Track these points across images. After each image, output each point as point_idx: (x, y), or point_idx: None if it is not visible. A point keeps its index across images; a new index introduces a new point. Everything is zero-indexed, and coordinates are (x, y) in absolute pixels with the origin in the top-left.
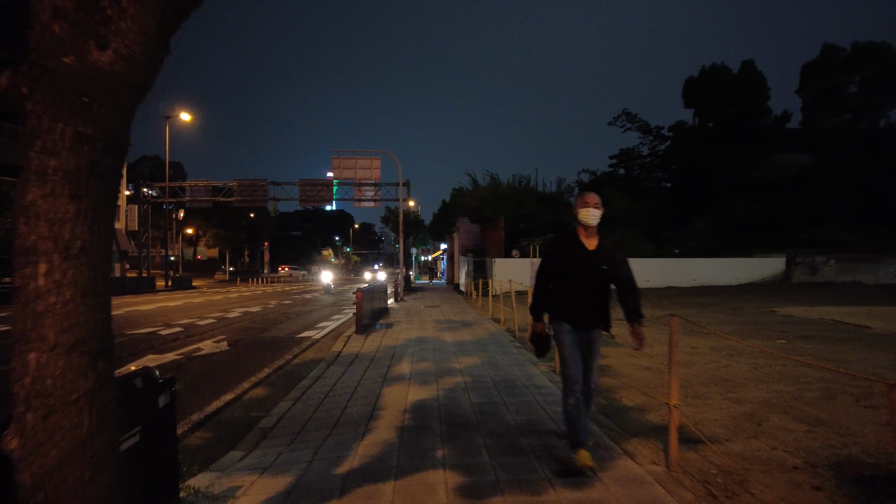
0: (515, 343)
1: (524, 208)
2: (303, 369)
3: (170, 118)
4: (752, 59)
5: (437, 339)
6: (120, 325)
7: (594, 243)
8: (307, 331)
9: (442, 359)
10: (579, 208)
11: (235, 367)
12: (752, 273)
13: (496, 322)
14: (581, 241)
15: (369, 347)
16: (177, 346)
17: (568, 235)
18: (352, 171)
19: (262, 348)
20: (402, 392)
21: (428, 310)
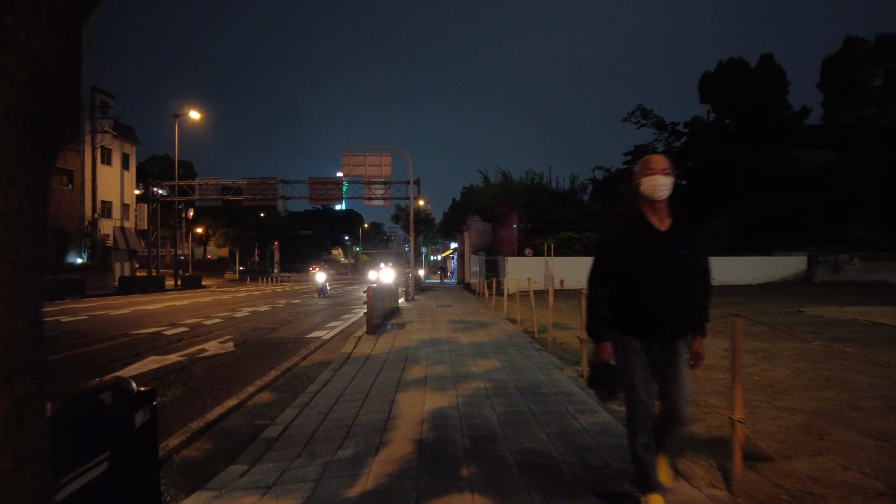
0: (535, 345)
1: (537, 206)
2: (311, 372)
3: (179, 116)
4: (770, 53)
5: (451, 341)
6: (124, 324)
7: (666, 223)
8: (316, 331)
9: (458, 362)
10: (643, 177)
11: (240, 369)
12: (772, 272)
13: (512, 322)
14: (649, 222)
15: (381, 349)
16: (181, 346)
17: (630, 216)
18: (361, 169)
19: (269, 349)
20: (418, 399)
21: (440, 309)
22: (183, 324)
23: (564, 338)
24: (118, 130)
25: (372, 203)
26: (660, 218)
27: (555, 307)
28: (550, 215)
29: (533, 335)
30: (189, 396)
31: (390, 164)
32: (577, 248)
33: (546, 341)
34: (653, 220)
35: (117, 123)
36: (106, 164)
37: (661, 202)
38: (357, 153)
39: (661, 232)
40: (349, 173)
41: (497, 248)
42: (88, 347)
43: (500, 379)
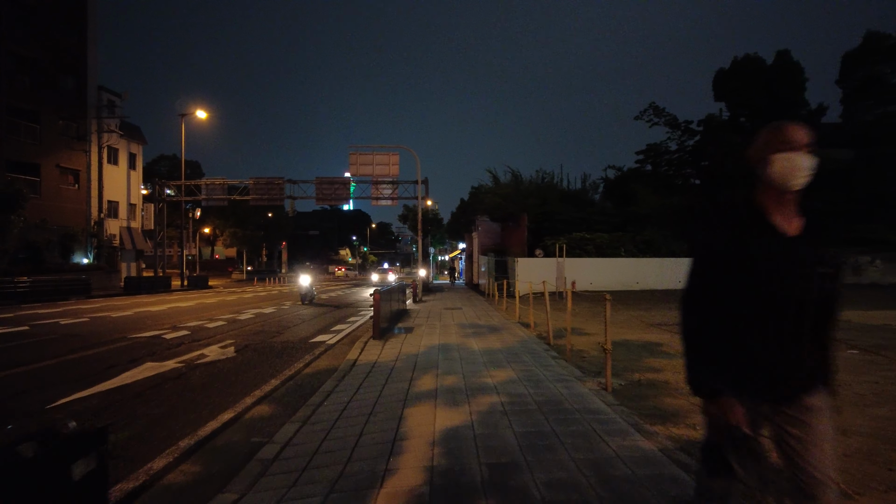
0: (551, 352)
1: (548, 205)
2: (314, 381)
3: (185, 116)
4: (787, 49)
5: (462, 347)
6: (125, 327)
7: (795, 224)
8: (321, 335)
9: (471, 371)
10: (774, 152)
11: (240, 377)
12: None
13: (525, 327)
14: (770, 221)
15: (388, 356)
16: (180, 351)
17: (741, 209)
18: (369, 168)
19: (272, 355)
20: (428, 415)
21: (449, 312)
22: (185, 326)
23: (582, 344)
24: (125, 130)
25: (380, 203)
26: (786, 216)
27: (571, 311)
28: (562, 215)
29: (548, 341)
30: (183, 408)
31: (398, 163)
32: (588, 248)
33: (563, 348)
34: (776, 218)
35: (124, 123)
36: (112, 164)
37: (792, 194)
38: (365, 152)
39: (788, 237)
40: (357, 172)
41: (506, 248)
42: (85, 352)
43: (518, 392)
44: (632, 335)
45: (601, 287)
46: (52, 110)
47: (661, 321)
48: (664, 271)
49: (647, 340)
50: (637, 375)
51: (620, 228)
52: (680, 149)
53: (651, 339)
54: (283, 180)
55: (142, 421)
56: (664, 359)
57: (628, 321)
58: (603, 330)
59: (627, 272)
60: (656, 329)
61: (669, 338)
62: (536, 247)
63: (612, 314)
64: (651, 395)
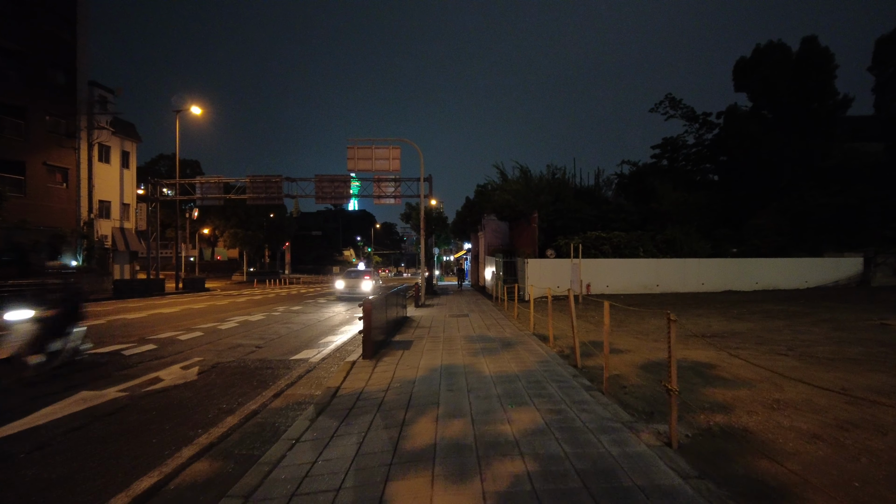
0: (582, 379)
1: (561, 202)
2: (281, 420)
3: (180, 112)
4: (814, 35)
5: (470, 370)
6: (89, 340)
7: None
8: (306, 349)
9: (483, 411)
10: None
11: (191, 412)
12: (823, 275)
13: (543, 341)
14: None
15: (378, 382)
16: (132, 374)
17: None
18: (368, 163)
19: (241, 378)
20: (422, 500)
21: (454, 320)
22: (155, 339)
23: (616, 365)
24: (118, 127)
25: (382, 201)
26: None
27: (588, 318)
28: (576, 213)
29: (574, 361)
30: (93, 468)
31: (399, 157)
32: (605, 248)
33: (594, 372)
34: None
35: (117, 119)
36: (104, 162)
37: None
38: (364, 145)
39: None
40: (355, 167)
41: (515, 248)
42: None
43: (551, 453)
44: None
45: (618, 290)
46: (39, 106)
47: (698, 331)
48: (686, 273)
49: (695, 360)
50: (703, 418)
51: (639, 227)
52: (698, 143)
53: (698, 358)
54: (282, 178)
55: (18, 492)
56: (726, 388)
57: (660, 332)
58: (637, 344)
59: (647, 274)
60: (699, 342)
61: (718, 356)
62: (548, 247)
63: (637, 322)
64: (736, 456)
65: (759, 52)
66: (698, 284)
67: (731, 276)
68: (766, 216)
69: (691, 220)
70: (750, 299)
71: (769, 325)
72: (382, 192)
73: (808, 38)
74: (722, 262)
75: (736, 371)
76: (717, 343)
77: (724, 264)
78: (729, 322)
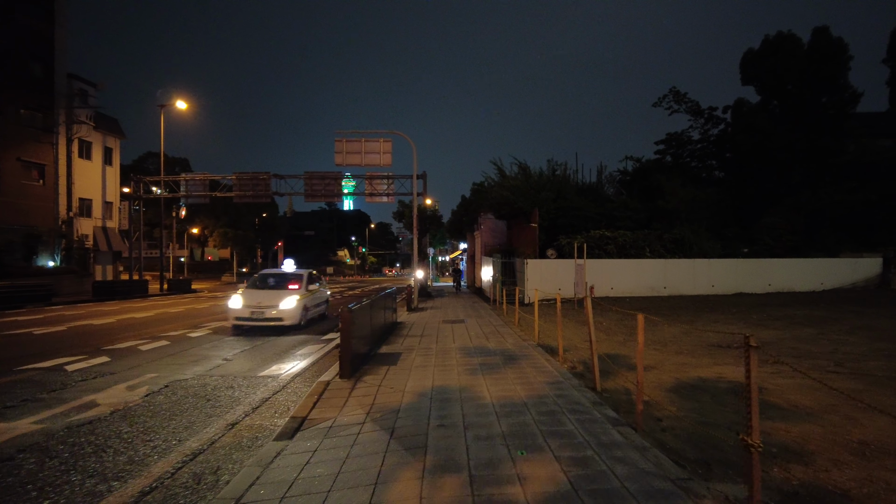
0: (606, 409)
1: (563, 200)
2: (225, 466)
3: (165, 107)
4: (826, 26)
5: (467, 395)
6: (36, 350)
7: None
8: (278, 363)
9: (485, 462)
10: None
11: (114, 452)
12: (840, 276)
13: (550, 353)
14: None
15: (353, 411)
16: (64, 396)
17: None
18: (358, 157)
19: (193, 402)
20: None
21: (449, 327)
22: (112, 349)
23: (644, 387)
24: (100, 122)
25: (374, 199)
26: None
27: (596, 325)
28: (579, 211)
29: (592, 382)
30: None
31: (391, 151)
32: (609, 248)
33: (616, 396)
34: None
35: (99, 114)
36: (85, 159)
37: None
38: (353, 138)
39: None
40: (344, 162)
41: (514, 248)
42: None
43: None
44: (701, 367)
45: (624, 292)
46: (13, 98)
47: (722, 340)
48: (696, 274)
49: (732, 379)
50: (778, 472)
51: (644, 225)
52: (703, 138)
53: (736, 377)
54: (270, 175)
55: None
56: (787, 421)
57: (678, 341)
58: (658, 358)
59: (654, 275)
60: (727, 355)
61: (758, 373)
62: (549, 247)
63: (651, 330)
64: None
65: (767, 43)
66: (708, 286)
67: (743, 278)
68: (779, 214)
69: (700, 219)
70: (765, 302)
71: (798, 333)
72: (375, 189)
73: (820, 29)
74: (733, 263)
75: (789, 395)
76: None
77: (736, 265)
78: (752, 329)
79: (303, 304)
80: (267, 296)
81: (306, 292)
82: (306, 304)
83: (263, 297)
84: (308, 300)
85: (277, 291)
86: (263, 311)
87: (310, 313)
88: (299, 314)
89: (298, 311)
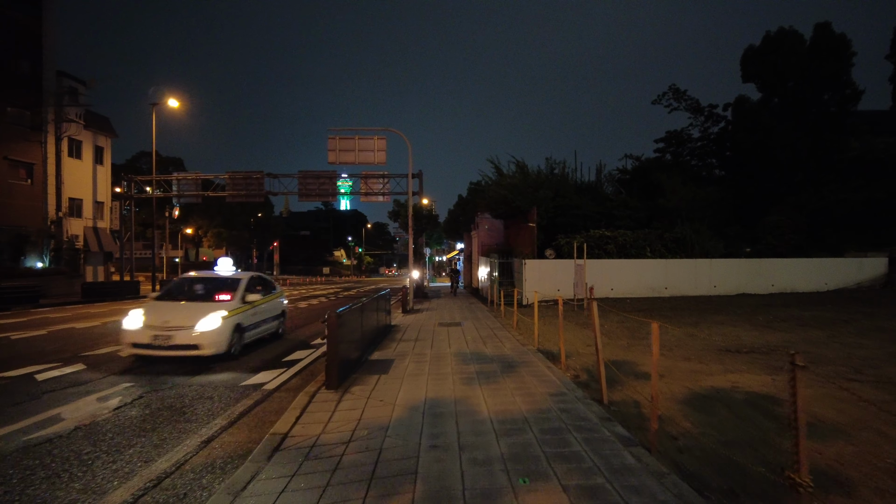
0: (615, 425)
1: (562, 198)
2: (193, 494)
3: (156, 105)
4: (828, 22)
5: (463, 409)
6: (8, 355)
7: None
8: (264, 370)
9: (483, 493)
10: None
11: (67, 479)
12: (844, 276)
13: (551, 360)
14: None
15: (339, 427)
16: (28, 409)
17: None
18: (351, 154)
19: (167, 414)
20: None
21: (444, 330)
22: (91, 356)
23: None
24: (90, 120)
25: (370, 199)
26: None
27: (600, 328)
28: (578, 210)
29: (598, 394)
30: None
31: (385, 148)
32: (609, 248)
33: (625, 409)
34: None
35: (90, 113)
36: (75, 158)
37: None
38: (347, 136)
39: None
40: (337, 160)
41: (512, 248)
42: None
43: None
44: (713, 375)
45: (624, 293)
46: (0, 96)
47: (730, 344)
48: (698, 274)
49: (748, 389)
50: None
51: (645, 224)
52: (703, 136)
53: (751, 386)
54: (263, 174)
55: None
56: (816, 439)
57: (685, 345)
58: (666, 365)
59: (655, 275)
60: (737, 360)
61: (773, 381)
62: (547, 246)
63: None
64: None
65: (769, 39)
66: (710, 287)
67: (745, 278)
68: (781, 213)
69: (702, 218)
70: (769, 303)
71: (807, 335)
72: (370, 189)
73: (822, 25)
74: (735, 263)
75: (812, 408)
76: (759, 362)
77: (738, 265)
78: (760, 332)
79: (233, 324)
80: (180, 312)
81: (242, 305)
82: (241, 321)
83: (175, 314)
84: (245, 316)
85: (197, 305)
86: (171, 336)
87: (248, 335)
88: (227, 338)
89: (225, 333)
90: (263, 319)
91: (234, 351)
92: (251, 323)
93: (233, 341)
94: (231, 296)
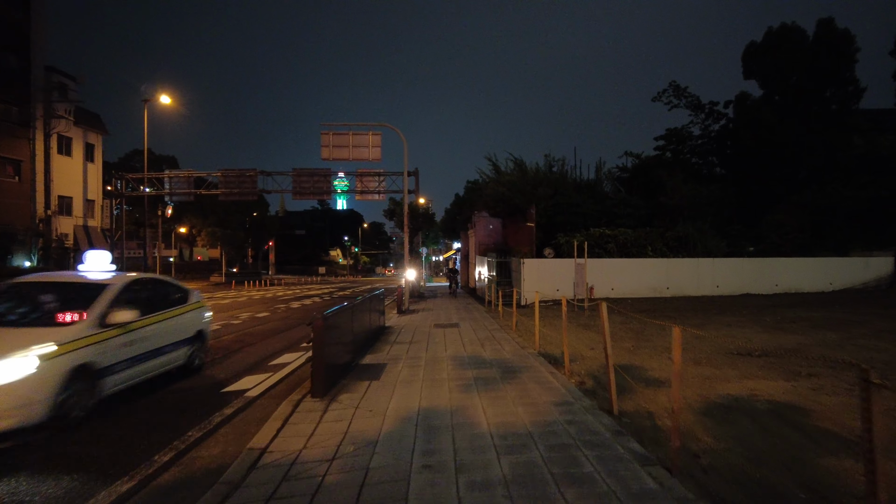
0: (629, 440)
1: (562, 196)
2: None
3: (148, 101)
4: (830, 17)
5: (460, 422)
6: None
7: None
8: (248, 375)
9: None
10: None
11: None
12: (850, 276)
13: (553, 364)
14: None
15: (323, 441)
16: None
17: None
18: (346, 150)
19: (140, 426)
20: None
21: (440, 332)
22: None
23: (668, 409)
24: (81, 117)
25: (365, 197)
26: None
27: (598, 329)
28: (578, 208)
29: (607, 403)
30: None
31: (380, 144)
32: (610, 247)
33: (638, 421)
34: None
35: (80, 109)
36: (65, 155)
37: None
38: (340, 131)
39: None
40: (330, 156)
41: (510, 247)
42: None
43: None
44: (729, 381)
45: (625, 293)
46: None
47: (741, 347)
48: (700, 274)
49: (769, 398)
50: None
51: (646, 223)
52: (704, 134)
53: (773, 394)
54: (256, 172)
55: None
56: (857, 458)
57: (693, 348)
58: (684, 370)
59: (656, 275)
60: (751, 364)
61: (795, 389)
62: (546, 245)
63: (659, 335)
64: None
65: (770, 35)
66: (713, 287)
67: (749, 278)
68: (785, 211)
69: (704, 216)
70: (775, 304)
71: (820, 337)
72: (365, 187)
73: (825, 20)
74: (739, 262)
75: (842, 418)
76: (776, 366)
77: (741, 264)
78: (770, 334)
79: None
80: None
81: (99, 331)
82: (92, 360)
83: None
84: (103, 350)
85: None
86: None
87: (114, 380)
88: (48, 395)
89: (45, 387)
90: (152, 350)
91: (72, 414)
92: (121, 359)
93: (67, 398)
94: (80, 315)
